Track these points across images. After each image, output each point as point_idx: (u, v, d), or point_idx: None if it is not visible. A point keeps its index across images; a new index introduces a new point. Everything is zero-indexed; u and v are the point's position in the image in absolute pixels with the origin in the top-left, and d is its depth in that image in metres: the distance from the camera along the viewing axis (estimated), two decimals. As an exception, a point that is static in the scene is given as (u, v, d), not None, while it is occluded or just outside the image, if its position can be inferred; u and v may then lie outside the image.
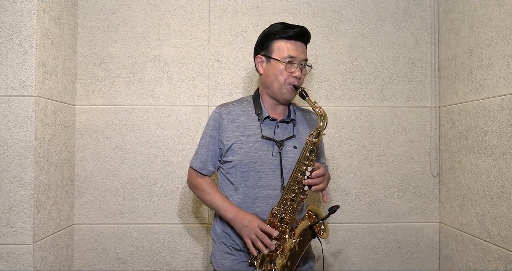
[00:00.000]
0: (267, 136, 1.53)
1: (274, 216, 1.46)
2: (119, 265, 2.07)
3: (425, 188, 2.15)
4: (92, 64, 2.08)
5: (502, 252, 1.64)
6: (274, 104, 1.59)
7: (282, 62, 1.49)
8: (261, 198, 1.51)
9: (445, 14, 2.09)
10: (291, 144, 1.55)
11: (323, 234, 1.47)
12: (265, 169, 1.51)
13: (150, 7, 2.10)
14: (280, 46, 1.51)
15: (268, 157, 1.52)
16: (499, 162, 1.66)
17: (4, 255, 1.64)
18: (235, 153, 1.52)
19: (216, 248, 1.58)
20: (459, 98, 1.96)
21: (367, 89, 2.15)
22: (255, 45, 1.60)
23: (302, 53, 1.52)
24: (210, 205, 1.58)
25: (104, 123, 2.08)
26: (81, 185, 2.07)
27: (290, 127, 1.58)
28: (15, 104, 1.64)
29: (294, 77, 1.50)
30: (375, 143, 2.15)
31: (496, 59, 1.68)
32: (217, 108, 1.59)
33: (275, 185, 1.52)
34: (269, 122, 1.56)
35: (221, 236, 1.57)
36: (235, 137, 1.53)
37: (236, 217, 1.48)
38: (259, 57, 1.57)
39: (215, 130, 1.56)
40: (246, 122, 1.55)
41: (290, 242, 1.44)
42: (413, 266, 2.14)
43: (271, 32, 1.53)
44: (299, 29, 1.52)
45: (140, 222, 2.08)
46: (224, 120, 1.55)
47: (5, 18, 1.65)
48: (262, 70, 1.57)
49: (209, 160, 1.58)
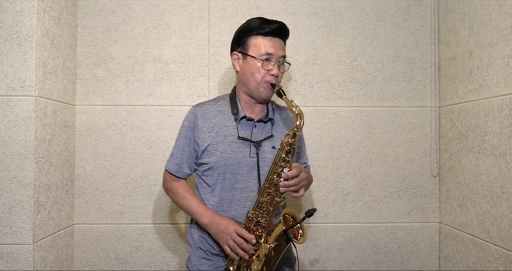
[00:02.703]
0: (244, 136, 1.47)
1: (250, 219, 1.41)
2: (119, 265, 2.07)
3: (425, 188, 2.15)
4: (92, 64, 2.08)
5: (502, 252, 1.64)
6: (251, 103, 1.53)
7: (259, 60, 1.43)
8: (237, 201, 1.46)
9: (445, 14, 2.09)
10: (269, 144, 1.49)
11: (300, 238, 1.40)
12: (242, 171, 1.46)
13: (150, 7, 2.10)
14: (257, 42, 1.45)
15: (245, 158, 1.46)
16: (499, 162, 1.66)
17: (4, 255, 1.64)
18: (210, 155, 1.47)
19: (193, 253, 1.53)
20: (459, 98, 1.96)
21: (367, 89, 2.15)
22: (232, 41, 1.54)
23: (280, 50, 1.46)
24: (185, 209, 1.53)
25: (104, 123, 2.08)
26: (81, 185, 2.07)
27: (268, 127, 1.53)
28: (15, 104, 1.64)
29: (271, 75, 1.44)
30: (375, 143, 2.15)
31: (496, 59, 1.68)
32: (192, 108, 1.54)
33: (252, 187, 1.47)
34: (246, 122, 1.51)
35: (197, 241, 1.52)
36: (211, 138, 1.47)
37: (212, 222, 1.43)
38: (235, 54, 1.51)
39: (190, 131, 1.51)
40: (222, 123, 1.49)
41: (265, 247, 1.38)
42: (413, 266, 2.14)
43: (248, 28, 1.47)
44: (277, 25, 1.45)
45: (140, 222, 2.08)
46: (199, 121, 1.49)
47: (5, 18, 1.64)
48: (238, 67, 1.51)
49: (184, 162, 1.53)
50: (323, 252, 2.13)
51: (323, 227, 2.13)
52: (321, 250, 2.13)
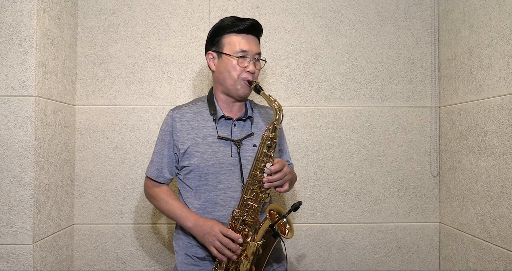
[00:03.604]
0: (224, 136, 1.46)
1: (235, 219, 1.39)
2: (119, 265, 2.07)
3: (425, 188, 2.15)
4: (92, 64, 2.08)
5: (502, 252, 1.64)
6: (229, 102, 1.52)
7: (234, 57, 1.42)
8: (222, 201, 1.44)
9: (445, 14, 2.09)
10: (250, 142, 1.48)
11: (288, 233, 1.37)
12: (224, 171, 1.44)
13: (150, 7, 2.10)
14: (231, 40, 1.44)
15: (227, 158, 1.44)
16: (499, 162, 1.66)
17: (4, 255, 1.64)
18: (191, 157, 1.45)
19: (180, 261, 1.50)
20: (459, 98, 1.96)
21: (367, 89, 2.15)
22: (206, 41, 1.53)
23: (254, 46, 1.45)
24: (168, 214, 1.50)
25: (104, 123, 2.08)
26: (81, 185, 2.07)
27: (247, 125, 1.52)
28: (15, 104, 1.64)
29: (247, 72, 1.43)
30: (375, 143, 2.15)
31: (496, 59, 1.68)
32: (169, 112, 1.52)
33: (236, 186, 1.44)
34: (225, 122, 1.49)
35: (183, 247, 1.50)
36: (190, 140, 1.45)
37: (196, 225, 1.40)
38: (210, 54, 1.50)
39: (169, 135, 1.48)
40: (200, 124, 1.48)
41: (253, 245, 1.36)
42: (413, 266, 2.14)
43: (221, 27, 1.46)
44: (250, 22, 1.45)
45: (140, 222, 2.08)
46: (177, 124, 1.47)
47: (5, 18, 1.64)
48: (214, 67, 1.50)
49: (164, 167, 1.50)
50: (323, 252, 2.13)
51: (323, 227, 2.13)
52: (321, 250, 2.13)
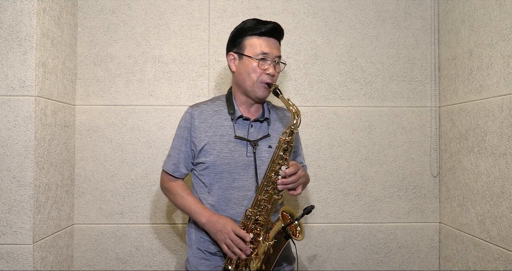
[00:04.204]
0: (240, 135, 1.48)
1: (248, 218, 1.42)
2: (119, 265, 2.07)
3: (425, 188, 2.15)
4: (92, 64, 2.08)
5: (502, 252, 1.64)
6: (247, 103, 1.54)
7: (255, 59, 1.45)
8: (235, 200, 1.47)
9: (445, 14, 2.09)
10: (265, 143, 1.50)
11: (299, 235, 1.40)
12: (238, 170, 1.47)
13: (150, 7, 2.10)
14: (252, 42, 1.46)
15: (242, 157, 1.47)
16: (499, 162, 1.66)
17: (4, 255, 1.64)
18: (207, 154, 1.47)
19: (191, 254, 1.53)
20: (459, 98, 1.96)
21: (367, 89, 2.15)
22: (227, 42, 1.55)
23: (275, 49, 1.47)
24: (183, 209, 1.53)
25: (104, 123, 2.08)
26: (81, 185, 2.07)
27: (264, 126, 1.54)
28: (15, 104, 1.64)
29: (267, 75, 1.45)
30: (375, 143, 2.15)
31: (496, 59, 1.68)
32: (188, 109, 1.55)
33: (250, 186, 1.47)
34: (243, 122, 1.51)
35: (195, 241, 1.52)
36: (208, 138, 1.48)
37: (210, 221, 1.43)
38: (231, 55, 1.52)
39: (187, 131, 1.52)
40: (218, 122, 1.50)
41: (264, 245, 1.39)
42: (413, 266, 2.14)
43: (243, 29, 1.49)
44: (272, 25, 1.47)
45: (140, 222, 2.08)
46: (196, 121, 1.50)
47: (5, 18, 1.65)
48: (234, 68, 1.52)
49: (181, 162, 1.53)
50: (323, 252, 2.13)
51: (323, 227, 2.13)
52: (321, 250, 2.13)
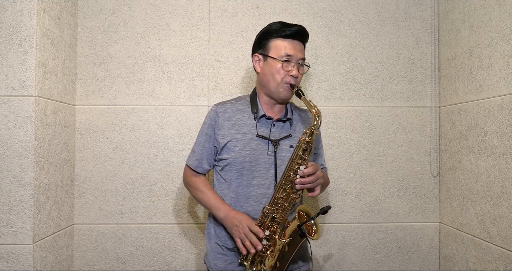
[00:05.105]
0: (263, 134, 1.52)
1: (265, 215, 1.45)
2: (119, 265, 2.07)
3: (425, 188, 2.15)
4: (92, 64, 2.08)
5: (502, 252, 1.64)
6: (271, 103, 1.59)
7: (279, 61, 1.49)
8: (254, 197, 1.50)
9: (445, 14, 2.09)
10: (287, 143, 1.54)
11: (314, 235, 1.44)
12: (259, 168, 1.51)
13: (150, 7, 2.10)
14: (277, 44, 1.50)
15: (263, 155, 1.51)
16: (499, 162, 1.66)
17: (4, 255, 1.64)
18: (229, 151, 1.52)
19: (210, 248, 1.57)
20: (459, 98, 1.96)
21: (367, 89, 2.15)
22: (253, 43, 1.60)
23: (299, 52, 1.51)
24: (203, 203, 1.58)
25: (104, 123, 2.08)
26: (81, 185, 2.07)
27: (286, 126, 1.57)
28: (15, 104, 1.64)
29: (291, 76, 1.50)
30: (375, 143, 2.15)
31: (496, 59, 1.68)
32: (214, 107, 1.60)
33: (269, 184, 1.51)
34: (265, 121, 1.56)
35: (214, 236, 1.57)
36: (231, 135, 1.52)
37: (227, 216, 1.48)
38: (256, 56, 1.57)
39: (211, 129, 1.56)
40: (242, 121, 1.54)
41: (280, 243, 1.43)
42: (413, 266, 2.14)
43: (269, 31, 1.53)
44: (297, 28, 1.51)
45: (140, 222, 2.08)
46: (220, 118, 1.55)
47: (5, 18, 1.65)
48: (259, 69, 1.57)
49: (204, 158, 1.58)
50: (323, 252, 2.13)
51: (323, 227, 2.13)
52: (321, 250, 2.13)
